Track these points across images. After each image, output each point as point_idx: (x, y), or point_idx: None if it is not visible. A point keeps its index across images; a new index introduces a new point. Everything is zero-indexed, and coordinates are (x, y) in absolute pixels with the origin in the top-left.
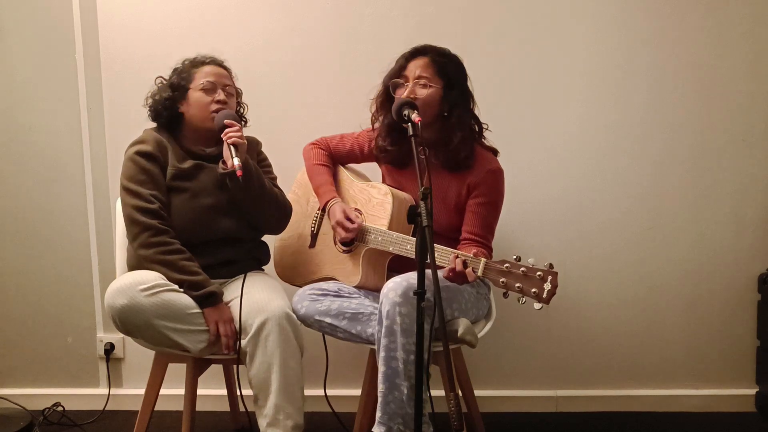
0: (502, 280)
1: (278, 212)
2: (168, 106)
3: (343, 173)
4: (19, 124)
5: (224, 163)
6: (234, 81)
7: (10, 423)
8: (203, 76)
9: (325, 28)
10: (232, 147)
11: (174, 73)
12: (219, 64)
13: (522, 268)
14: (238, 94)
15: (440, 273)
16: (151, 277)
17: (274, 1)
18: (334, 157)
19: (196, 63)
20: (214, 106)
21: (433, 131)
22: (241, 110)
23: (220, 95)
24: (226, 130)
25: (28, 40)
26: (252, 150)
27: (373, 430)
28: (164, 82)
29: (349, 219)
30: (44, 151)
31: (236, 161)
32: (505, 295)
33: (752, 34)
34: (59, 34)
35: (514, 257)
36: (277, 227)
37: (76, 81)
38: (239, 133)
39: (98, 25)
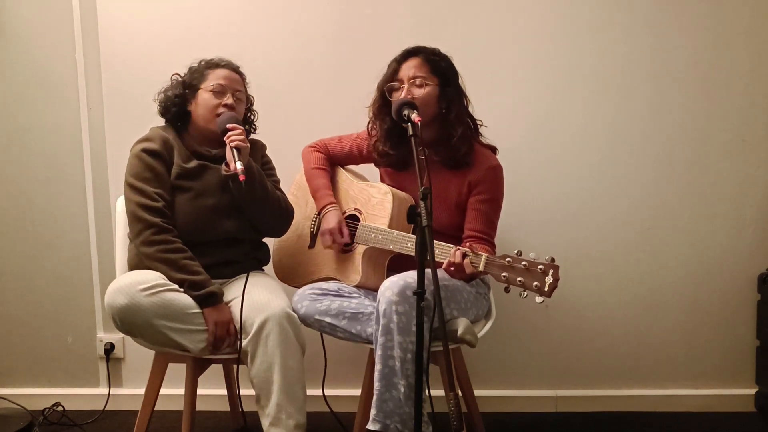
0: (503, 274)
1: (280, 215)
2: (177, 103)
3: (342, 174)
4: (19, 124)
5: (227, 165)
6: (246, 88)
7: (10, 423)
8: (215, 78)
9: (324, 29)
10: (234, 150)
11: (188, 72)
12: (234, 69)
13: (523, 262)
14: (249, 101)
15: (442, 270)
16: (151, 276)
17: (274, 2)
18: (333, 159)
19: (211, 64)
20: (221, 110)
21: (432, 130)
22: (251, 117)
23: (229, 99)
24: (229, 133)
25: (28, 40)
26: (256, 153)
27: (367, 427)
28: (179, 79)
29: (341, 231)
30: (44, 151)
31: (239, 165)
32: (506, 289)
33: (752, 34)
34: (59, 34)
35: (516, 252)
36: (279, 230)
37: (76, 81)
38: (242, 137)
39: (98, 25)
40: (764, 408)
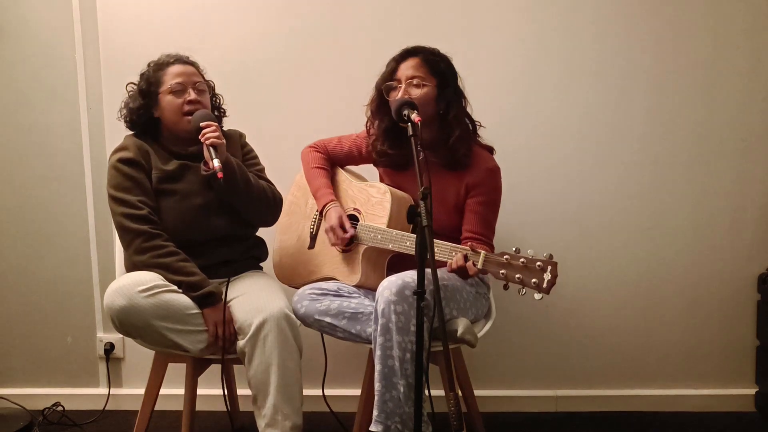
0: (502, 272)
1: (268, 204)
2: (142, 114)
3: (342, 174)
4: (19, 124)
5: (206, 164)
6: (204, 75)
7: (10, 423)
8: (171, 78)
9: (323, 28)
10: (211, 148)
11: (142, 79)
12: (185, 61)
13: (522, 259)
14: (211, 87)
15: (442, 270)
16: (150, 277)
17: (273, 1)
18: (332, 160)
19: (162, 65)
20: (187, 107)
21: (431, 131)
22: (217, 102)
23: (191, 95)
24: (203, 131)
25: (28, 40)
26: (234, 144)
27: (370, 428)
28: (135, 87)
29: (342, 227)
30: (44, 151)
31: (216, 162)
32: (505, 287)
33: (752, 34)
34: (59, 34)
35: (514, 249)
36: (269, 219)
37: (76, 81)
38: (216, 133)
39: (98, 25)
40: (764, 408)
